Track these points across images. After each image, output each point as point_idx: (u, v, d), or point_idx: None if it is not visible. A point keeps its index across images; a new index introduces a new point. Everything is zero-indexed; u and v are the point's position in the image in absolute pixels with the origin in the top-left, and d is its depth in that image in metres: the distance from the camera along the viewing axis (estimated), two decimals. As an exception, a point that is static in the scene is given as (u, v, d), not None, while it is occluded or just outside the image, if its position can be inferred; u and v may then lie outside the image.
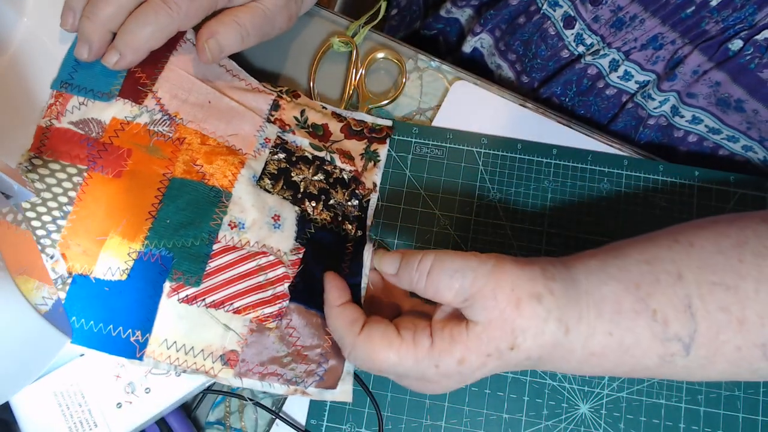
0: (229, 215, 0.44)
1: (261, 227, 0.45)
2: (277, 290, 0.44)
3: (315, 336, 0.44)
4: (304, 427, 0.46)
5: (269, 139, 0.48)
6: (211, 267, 0.43)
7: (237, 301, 0.43)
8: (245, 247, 0.44)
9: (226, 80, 0.50)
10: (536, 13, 0.56)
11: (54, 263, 0.43)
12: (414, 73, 0.54)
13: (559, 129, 0.52)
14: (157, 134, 0.45)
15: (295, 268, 0.45)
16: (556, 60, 0.56)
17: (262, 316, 0.43)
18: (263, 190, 0.46)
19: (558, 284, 0.37)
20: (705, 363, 0.37)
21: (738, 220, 0.40)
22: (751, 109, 0.49)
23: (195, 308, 0.43)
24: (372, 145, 0.51)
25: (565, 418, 0.46)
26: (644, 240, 0.40)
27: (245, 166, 0.46)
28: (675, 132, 0.54)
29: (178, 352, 0.43)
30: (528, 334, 0.36)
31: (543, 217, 0.50)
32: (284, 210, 0.46)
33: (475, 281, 0.37)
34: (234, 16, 0.45)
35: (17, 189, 0.40)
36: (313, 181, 0.48)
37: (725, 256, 0.37)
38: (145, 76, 0.46)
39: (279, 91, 0.51)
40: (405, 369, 0.38)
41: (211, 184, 0.45)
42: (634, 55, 0.52)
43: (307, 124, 0.50)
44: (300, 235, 0.46)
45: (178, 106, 0.46)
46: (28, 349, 0.40)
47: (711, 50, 0.49)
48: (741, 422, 0.46)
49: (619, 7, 0.51)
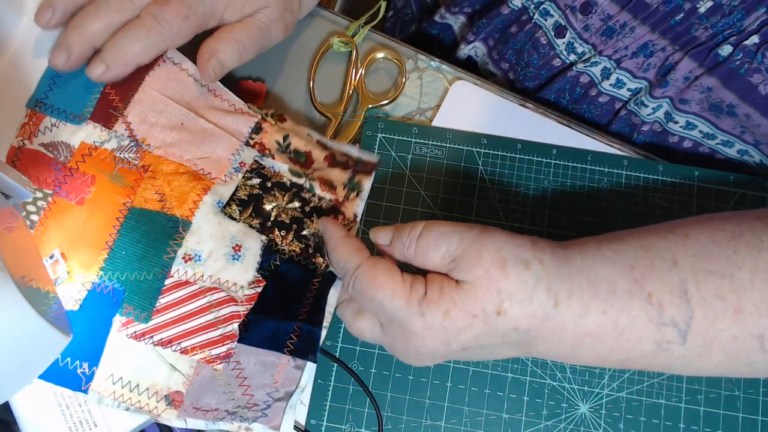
0: (184, 247, 0.44)
1: (217, 259, 0.44)
2: (227, 330, 0.43)
3: (263, 374, 0.43)
4: (304, 427, 0.46)
5: (244, 163, 0.47)
6: (162, 303, 0.43)
7: (185, 341, 0.43)
8: (198, 281, 0.44)
9: (207, 100, 0.49)
10: (528, 22, 0.56)
11: (54, 263, 0.43)
12: (414, 73, 0.54)
13: (559, 129, 0.52)
14: (122, 161, 0.45)
15: (249, 304, 0.44)
16: (548, 69, 0.57)
17: (209, 357, 0.43)
18: (228, 217, 0.45)
19: (548, 256, 0.38)
20: (701, 352, 0.37)
21: (734, 216, 0.40)
22: (743, 113, 0.50)
23: (143, 345, 0.43)
24: (356, 177, 0.48)
25: (564, 418, 0.46)
26: (641, 230, 0.40)
27: (210, 192, 0.45)
28: (670, 137, 0.54)
29: (123, 389, 0.43)
30: (515, 300, 0.36)
31: (543, 217, 0.50)
32: (248, 239, 0.45)
33: (461, 243, 0.38)
34: (231, 33, 0.46)
35: (17, 189, 0.40)
36: (286, 209, 0.46)
37: (720, 247, 0.38)
38: (118, 99, 0.46)
39: (264, 113, 0.49)
40: (394, 308, 0.38)
41: (170, 213, 0.44)
42: (625, 63, 0.53)
43: (289, 150, 0.49)
44: (263, 266, 0.45)
45: (147, 130, 0.46)
46: (28, 349, 0.40)
47: (701, 56, 0.49)
48: (741, 422, 0.46)
49: (609, 15, 0.51)
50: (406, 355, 0.40)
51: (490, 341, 0.38)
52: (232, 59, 0.46)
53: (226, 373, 0.43)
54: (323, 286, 0.45)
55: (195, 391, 0.43)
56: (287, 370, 0.44)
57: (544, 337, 0.37)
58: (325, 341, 0.47)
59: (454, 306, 0.37)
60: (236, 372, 0.43)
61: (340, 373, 0.47)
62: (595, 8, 0.52)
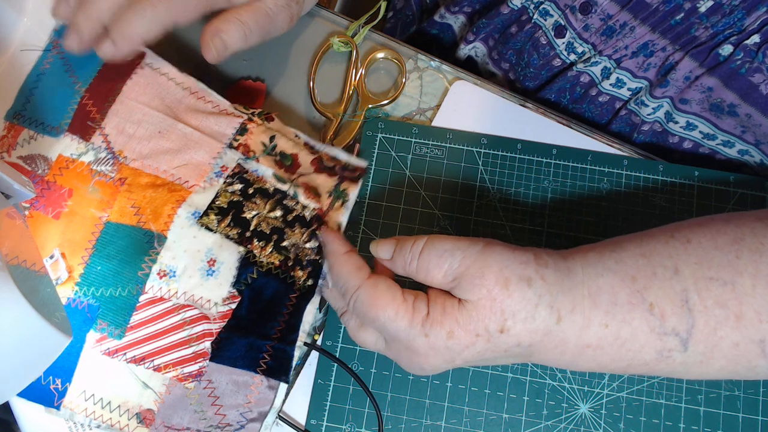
0: (159, 263, 0.44)
1: (192, 275, 0.44)
2: (199, 348, 0.43)
3: (236, 394, 0.43)
4: (304, 427, 0.46)
5: (226, 167, 0.46)
6: (136, 320, 0.43)
7: (158, 358, 0.43)
8: (172, 298, 0.44)
9: (188, 103, 0.48)
10: (527, 22, 0.56)
11: (54, 263, 0.43)
12: (414, 73, 0.54)
13: (559, 129, 0.52)
14: (99, 174, 0.45)
15: (222, 321, 0.43)
16: (548, 69, 0.57)
17: (181, 375, 0.43)
18: (204, 228, 0.45)
19: (551, 271, 0.37)
20: (703, 359, 0.37)
21: (734, 218, 0.40)
22: (744, 113, 0.50)
23: (116, 362, 0.43)
24: (342, 184, 0.47)
25: (565, 418, 0.46)
26: (642, 235, 0.40)
27: (186, 203, 0.45)
28: (670, 138, 0.54)
29: (95, 405, 0.43)
30: (518, 318, 0.36)
31: (543, 217, 0.50)
32: (224, 252, 0.44)
33: (463, 260, 0.37)
34: (237, 14, 0.46)
35: (17, 189, 0.40)
36: (267, 218, 0.45)
37: (722, 252, 0.38)
38: (95, 110, 0.46)
39: (251, 113, 0.48)
40: (397, 329, 0.38)
41: (146, 227, 0.44)
42: (625, 63, 0.53)
43: (275, 152, 0.47)
44: (239, 281, 0.44)
45: (124, 142, 0.46)
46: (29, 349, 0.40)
47: (702, 56, 0.49)
48: (741, 422, 0.46)
49: (609, 15, 0.51)
50: (409, 369, 0.40)
51: (493, 355, 0.38)
52: (237, 41, 0.46)
53: (197, 392, 0.43)
54: (300, 302, 0.44)
55: (166, 409, 0.43)
56: (261, 390, 0.43)
57: (546, 350, 0.38)
58: (325, 341, 0.47)
59: (458, 326, 0.37)
60: (208, 391, 0.43)
61: (340, 373, 0.47)
62: (594, 8, 0.52)
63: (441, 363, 0.38)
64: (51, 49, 0.48)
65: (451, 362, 0.38)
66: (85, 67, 0.47)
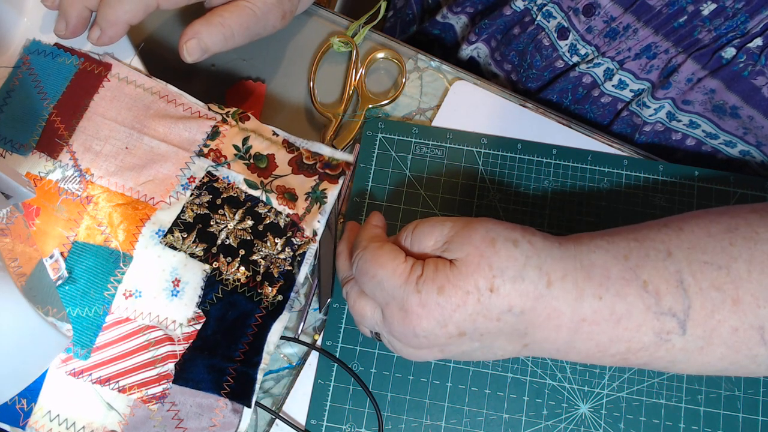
0: (125, 283, 0.44)
1: (157, 296, 0.44)
2: (163, 370, 0.43)
3: (200, 417, 0.43)
4: (304, 427, 0.46)
5: (194, 178, 0.46)
6: (102, 340, 0.43)
7: (123, 379, 0.43)
8: (138, 318, 0.43)
9: (158, 108, 0.47)
10: (530, 24, 0.56)
11: (54, 263, 0.43)
12: (414, 73, 0.54)
13: (559, 129, 0.52)
14: (66, 192, 0.45)
15: (186, 342, 0.43)
16: (551, 70, 0.57)
17: (145, 397, 0.43)
18: (169, 247, 0.44)
19: (538, 239, 0.38)
20: (703, 345, 0.37)
21: (728, 210, 0.40)
22: (746, 115, 0.50)
23: (81, 383, 0.43)
24: (321, 184, 0.46)
25: (565, 418, 0.46)
26: (635, 225, 0.41)
27: (150, 221, 0.45)
28: (673, 134, 0.54)
29: (60, 426, 0.42)
30: (506, 277, 0.36)
31: (543, 217, 0.50)
32: (188, 271, 0.44)
33: (452, 228, 0.39)
34: (219, 16, 0.46)
35: (17, 189, 0.40)
36: (235, 230, 0.45)
37: (715, 239, 0.38)
38: (63, 127, 0.46)
39: (225, 113, 0.48)
40: (393, 286, 0.38)
41: (113, 246, 0.44)
42: (628, 65, 0.53)
43: (248, 155, 0.47)
44: (204, 301, 0.44)
45: (91, 160, 0.46)
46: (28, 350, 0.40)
47: (704, 58, 0.49)
48: (741, 422, 0.46)
49: (612, 17, 0.51)
50: (405, 341, 0.40)
51: (486, 325, 0.37)
52: (216, 44, 0.46)
53: (161, 414, 0.43)
54: (266, 321, 0.44)
55: (131, 431, 0.42)
56: (225, 414, 0.43)
57: (539, 322, 0.37)
58: (325, 341, 0.47)
59: (448, 282, 0.37)
60: (172, 413, 0.43)
61: (340, 373, 0.47)
62: (598, 10, 0.52)
63: (434, 326, 0.38)
64: (21, 65, 0.48)
65: (444, 326, 0.37)
66: (53, 83, 0.47)
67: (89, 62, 0.48)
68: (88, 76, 0.47)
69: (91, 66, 0.48)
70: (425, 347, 0.39)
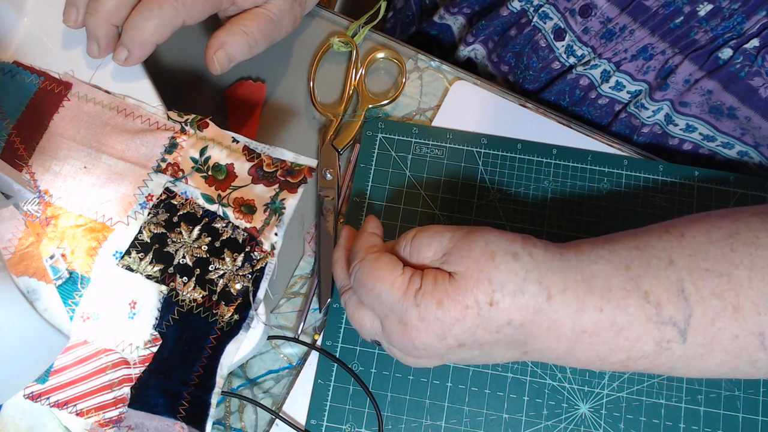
0: (82, 306, 0.43)
1: (114, 318, 0.43)
2: (119, 393, 0.42)
3: None
4: (304, 427, 0.46)
5: (152, 196, 0.45)
6: (60, 363, 0.42)
7: (81, 402, 0.42)
8: (95, 341, 0.43)
9: (115, 123, 0.46)
10: (527, 25, 0.56)
11: (54, 263, 0.43)
12: (414, 73, 0.54)
13: (559, 129, 0.52)
14: (26, 214, 0.44)
15: (142, 365, 0.42)
16: (547, 72, 0.57)
17: (103, 421, 0.42)
18: (125, 269, 0.44)
19: (539, 251, 0.38)
20: (703, 352, 0.37)
21: (730, 213, 0.40)
22: (743, 116, 0.50)
23: (39, 406, 0.42)
24: (281, 193, 0.45)
25: (565, 418, 0.46)
26: (636, 230, 0.40)
27: (107, 243, 0.44)
28: (670, 140, 0.54)
29: None
30: (506, 291, 0.36)
31: (543, 217, 0.50)
32: (144, 293, 0.43)
33: (452, 239, 0.39)
34: (242, 25, 0.46)
35: (17, 189, 0.40)
36: (192, 248, 0.44)
37: (716, 245, 0.38)
38: (23, 148, 0.45)
39: (184, 121, 0.47)
40: (392, 299, 0.38)
41: (71, 268, 0.43)
42: (624, 66, 0.53)
43: (206, 166, 0.46)
44: (161, 323, 0.43)
45: (51, 180, 0.45)
46: (28, 350, 0.40)
47: (701, 59, 0.49)
48: (741, 422, 0.46)
49: (608, 18, 0.51)
50: (404, 352, 0.40)
51: (486, 336, 0.37)
52: (242, 52, 0.46)
53: None
54: (221, 343, 0.43)
55: None
56: None
57: (539, 333, 0.37)
58: (325, 341, 0.47)
59: (447, 296, 0.37)
60: None
61: (340, 373, 0.47)
62: (594, 11, 0.52)
63: (433, 339, 0.37)
64: None
65: (443, 338, 0.37)
66: (13, 102, 0.47)
67: (49, 81, 0.47)
68: (49, 95, 0.47)
69: (51, 85, 0.47)
70: (425, 357, 0.40)
